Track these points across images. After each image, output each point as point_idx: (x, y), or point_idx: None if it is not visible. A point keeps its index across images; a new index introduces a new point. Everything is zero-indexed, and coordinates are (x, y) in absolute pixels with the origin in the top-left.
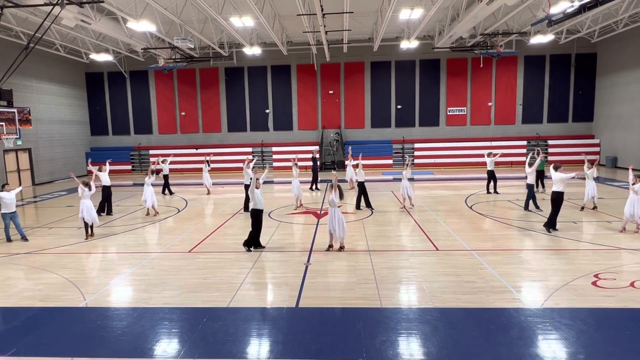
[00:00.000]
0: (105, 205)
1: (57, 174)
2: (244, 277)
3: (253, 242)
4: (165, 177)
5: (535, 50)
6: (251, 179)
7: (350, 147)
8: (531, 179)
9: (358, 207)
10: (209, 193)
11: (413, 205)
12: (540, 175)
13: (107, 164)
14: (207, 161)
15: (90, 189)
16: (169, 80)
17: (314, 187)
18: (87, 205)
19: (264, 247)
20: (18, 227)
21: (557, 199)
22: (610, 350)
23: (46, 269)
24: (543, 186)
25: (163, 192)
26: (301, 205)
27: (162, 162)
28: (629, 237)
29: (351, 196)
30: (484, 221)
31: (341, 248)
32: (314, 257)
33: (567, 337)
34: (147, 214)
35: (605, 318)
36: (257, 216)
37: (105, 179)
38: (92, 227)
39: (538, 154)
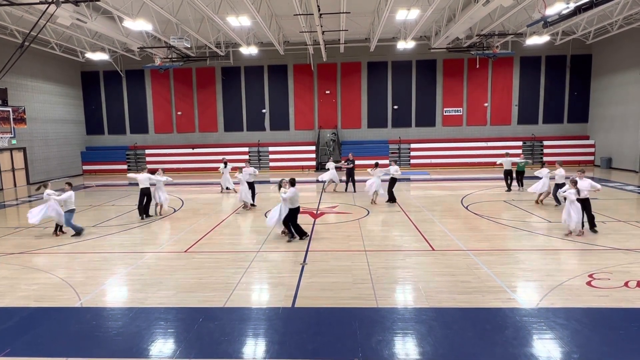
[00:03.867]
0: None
1: (52, 174)
2: (240, 277)
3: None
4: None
5: (531, 51)
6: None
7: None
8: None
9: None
10: (222, 191)
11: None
12: (521, 175)
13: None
14: (226, 162)
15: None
16: (165, 79)
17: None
18: (52, 205)
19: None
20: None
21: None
22: (604, 349)
23: (41, 269)
24: (522, 185)
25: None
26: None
27: (226, 164)
28: (622, 237)
29: (344, 197)
30: (479, 221)
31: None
32: (310, 257)
33: (561, 336)
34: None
35: (599, 318)
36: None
37: (142, 180)
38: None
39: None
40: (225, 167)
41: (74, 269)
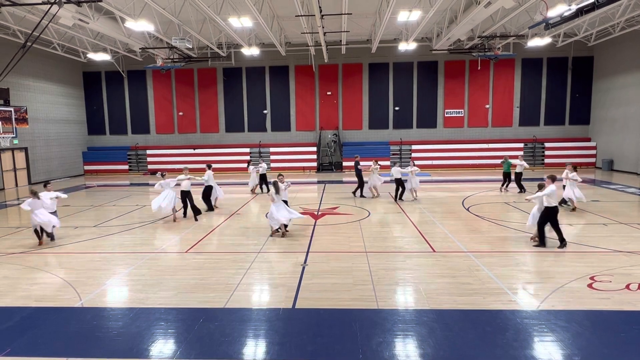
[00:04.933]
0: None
1: (54, 174)
2: (241, 278)
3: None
4: (263, 175)
5: (533, 53)
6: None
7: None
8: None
9: (400, 198)
10: (253, 192)
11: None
12: (508, 177)
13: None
14: (249, 162)
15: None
16: (166, 80)
17: (357, 193)
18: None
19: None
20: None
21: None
22: (605, 352)
23: (42, 269)
24: (510, 188)
25: (262, 189)
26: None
27: (260, 163)
28: (623, 239)
29: (345, 199)
30: (480, 223)
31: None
32: (311, 258)
33: (562, 339)
34: (175, 219)
35: (600, 320)
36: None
37: (184, 184)
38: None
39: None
40: (248, 165)
41: (75, 269)
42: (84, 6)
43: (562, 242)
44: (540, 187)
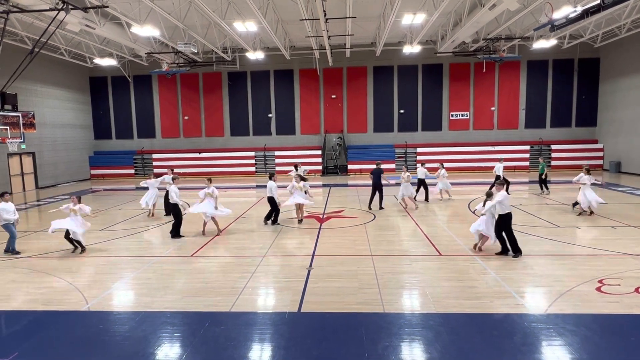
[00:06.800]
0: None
1: (61, 178)
2: (246, 282)
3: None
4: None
5: (538, 55)
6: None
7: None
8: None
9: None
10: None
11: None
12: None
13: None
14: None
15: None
16: (172, 84)
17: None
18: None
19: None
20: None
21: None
22: (614, 356)
23: (49, 273)
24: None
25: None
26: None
27: (296, 167)
28: (632, 242)
29: (350, 202)
30: None
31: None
32: (316, 261)
33: (571, 343)
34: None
35: (609, 324)
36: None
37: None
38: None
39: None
40: (297, 170)
41: (81, 272)
42: (91, 12)
43: (517, 252)
44: (489, 196)
